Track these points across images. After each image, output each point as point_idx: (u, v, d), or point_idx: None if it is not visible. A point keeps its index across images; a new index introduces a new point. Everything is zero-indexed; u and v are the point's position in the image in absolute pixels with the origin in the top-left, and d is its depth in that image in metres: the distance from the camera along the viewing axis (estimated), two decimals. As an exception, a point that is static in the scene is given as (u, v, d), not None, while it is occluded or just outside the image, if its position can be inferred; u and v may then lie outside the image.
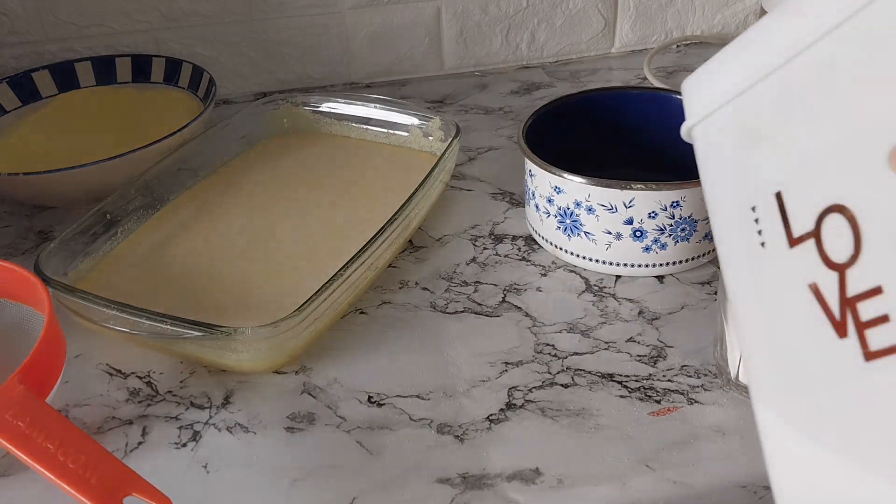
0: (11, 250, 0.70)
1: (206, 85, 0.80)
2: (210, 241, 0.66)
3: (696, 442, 0.49)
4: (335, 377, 0.55)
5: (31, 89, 0.83)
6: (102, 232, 0.64)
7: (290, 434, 0.51)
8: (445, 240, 0.68)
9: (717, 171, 0.37)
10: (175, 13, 0.88)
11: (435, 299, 0.61)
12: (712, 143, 0.37)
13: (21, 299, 0.56)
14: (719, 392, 0.52)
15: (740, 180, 0.34)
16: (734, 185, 0.35)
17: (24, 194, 0.72)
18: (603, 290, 0.62)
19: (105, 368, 0.57)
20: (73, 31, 0.87)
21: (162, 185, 0.70)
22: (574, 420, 0.51)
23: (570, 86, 0.93)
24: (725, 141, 0.35)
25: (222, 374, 0.56)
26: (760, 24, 0.33)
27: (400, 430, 0.51)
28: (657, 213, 0.58)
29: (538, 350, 0.56)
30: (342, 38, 0.92)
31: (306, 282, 0.60)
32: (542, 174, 0.61)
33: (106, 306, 0.53)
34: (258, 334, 0.51)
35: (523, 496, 0.46)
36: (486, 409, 0.52)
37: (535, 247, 0.66)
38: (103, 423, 0.53)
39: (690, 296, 0.61)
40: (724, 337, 0.51)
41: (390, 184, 0.72)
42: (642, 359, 0.55)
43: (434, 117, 0.75)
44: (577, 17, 0.96)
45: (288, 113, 0.81)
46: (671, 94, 0.70)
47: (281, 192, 0.72)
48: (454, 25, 0.94)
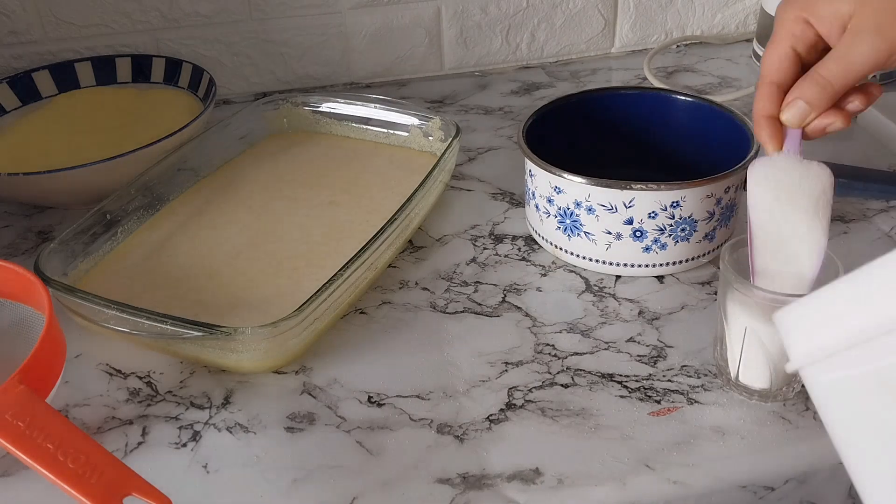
0: (11, 250, 0.70)
1: (206, 85, 0.80)
2: (210, 241, 0.66)
3: (696, 442, 0.49)
4: (335, 377, 0.55)
5: (31, 89, 0.83)
6: (102, 232, 0.64)
7: (290, 434, 0.51)
8: (445, 240, 0.68)
9: (853, 420, 0.35)
10: (175, 13, 0.88)
11: (435, 299, 0.61)
12: (837, 390, 0.35)
13: (21, 299, 0.56)
14: (719, 392, 0.52)
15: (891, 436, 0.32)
16: (885, 440, 0.33)
17: (24, 194, 0.72)
18: (603, 290, 0.62)
19: (105, 368, 0.57)
20: (73, 31, 0.87)
21: (162, 185, 0.70)
22: (574, 420, 0.51)
23: (570, 86, 0.93)
24: (856, 389, 0.34)
25: (222, 374, 0.56)
26: (883, 264, 0.31)
27: (400, 430, 0.51)
28: (657, 213, 0.58)
29: (538, 350, 0.56)
30: (342, 38, 0.92)
31: (306, 282, 0.60)
32: (542, 174, 0.61)
33: (106, 306, 0.53)
34: (258, 334, 0.51)
35: (523, 496, 0.46)
36: (486, 409, 0.52)
37: (535, 247, 0.66)
38: (103, 423, 0.53)
39: (690, 296, 0.61)
40: (724, 337, 0.51)
41: (390, 184, 0.72)
42: (642, 359, 0.55)
43: (434, 117, 0.75)
44: (577, 17, 0.96)
45: (288, 113, 0.81)
46: (671, 94, 0.70)
47: (281, 192, 0.72)
48: (454, 25, 0.94)
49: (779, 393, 0.51)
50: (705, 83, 0.92)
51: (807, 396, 0.51)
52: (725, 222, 0.62)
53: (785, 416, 0.50)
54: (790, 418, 0.50)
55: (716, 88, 0.91)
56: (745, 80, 0.93)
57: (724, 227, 0.62)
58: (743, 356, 0.50)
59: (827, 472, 0.49)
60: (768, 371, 0.50)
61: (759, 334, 0.49)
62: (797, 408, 0.51)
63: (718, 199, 0.59)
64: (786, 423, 0.50)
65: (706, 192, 0.58)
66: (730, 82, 0.92)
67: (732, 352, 0.51)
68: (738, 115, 0.65)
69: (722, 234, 0.62)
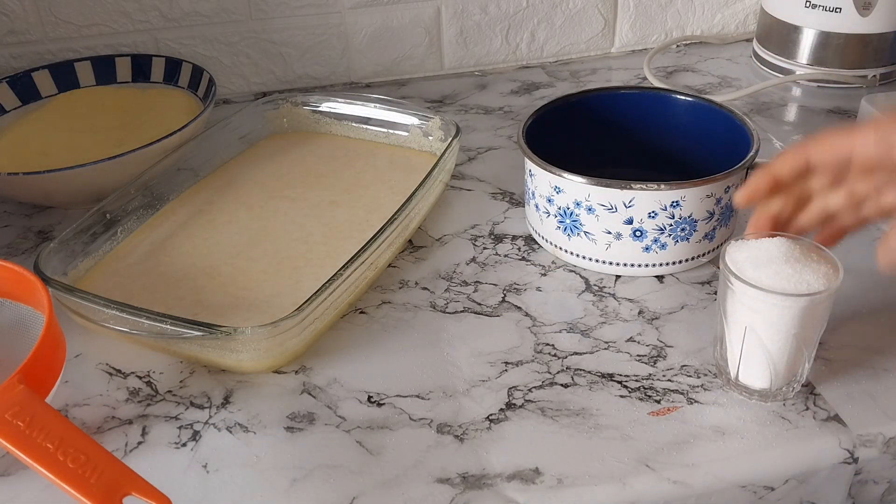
0: (11, 250, 0.70)
1: (206, 85, 0.80)
2: (210, 241, 0.66)
3: (695, 442, 0.49)
4: (335, 377, 0.55)
5: (30, 89, 0.83)
6: (102, 232, 0.64)
7: (289, 434, 0.51)
8: (445, 240, 0.68)
9: None
10: (175, 13, 0.88)
11: (435, 299, 0.61)
12: None
13: (21, 299, 0.56)
14: (719, 392, 0.52)
15: None
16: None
17: (24, 194, 0.72)
18: (603, 289, 0.62)
19: (105, 368, 0.57)
20: (73, 31, 0.87)
21: (162, 185, 0.70)
22: (574, 420, 0.51)
23: (570, 86, 0.93)
24: None
25: (222, 374, 0.56)
26: None
27: (400, 430, 0.51)
28: (657, 212, 0.58)
29: (538, 350, 0.56)
30: (342, 38, 0.92)
31: (306, 282, 0.60)
32: (542, 174, 0.61)
33: (106, 306, 0.53)
34: (258, 334, 0.51)
35: (523, 496, 0.46)
36: (485, 409, 0.52)
37: (535, 247, 0.66)
38: (103, 422, 0.53)
39: (690, 296, 0.61)
40: (724, 337, 0.51)
41: (390, 184, 0.72)
42: (642, 359, 0.55)
43: (434, 117, 0.75)
44: (577, 17, 0.96)
45: (288, 113, 0.81)
46: (671, 93, 0.70)
47: (281, 192, 0.72)
48: (454, 25, 0.94)
49: (778, 393, 0.51)
50: (705, 83, 0.92)
51: (807, 396, 0.52)
52: (725, 222, 0.62)
53: (785, 416, 0.50)
54: (790, 418, 0.50)
55: (716, 88, 0.91)
56: (745, 80, 0.93)
57: (723, 227, 0.62)
58: (743, 356, 0.50)
59: (827, 472, 0.49)
60: (768, 371, 0.50)
61: (758, 334, 0.49)
62: (797, 408, 0.51)
63: (718, 198, 0.59)
64: (786, 423, 0.50)
65: (706, 191, 0.58)
66: (730, 82, 0.92)
67: (732, 352, 0.51)
68: (738, 114, 0.65)
69: (722, 233, 0.62)
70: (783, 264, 0.48)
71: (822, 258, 0.49)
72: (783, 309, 0.47)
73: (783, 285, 0.47)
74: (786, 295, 0.47)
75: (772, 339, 0.49)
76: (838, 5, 0.85)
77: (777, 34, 0.91)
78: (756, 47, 0.96)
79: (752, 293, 0.48)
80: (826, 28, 0.87)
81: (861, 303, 0.59)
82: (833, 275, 0.48)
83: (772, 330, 0.48)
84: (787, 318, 0.48)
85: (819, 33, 0.88)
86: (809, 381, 0.53)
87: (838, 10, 0.85)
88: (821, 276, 0.48)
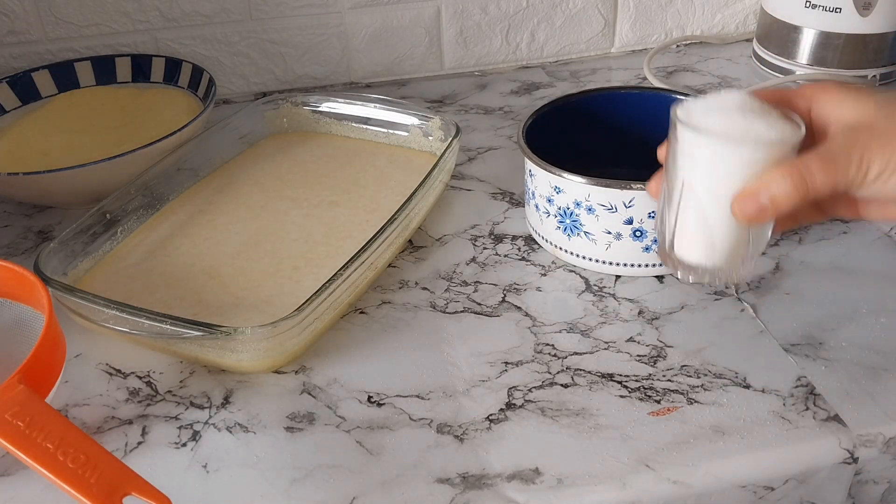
0: (11, 250, 0.70)
1: (205, 85, 0.80)
2: (210, 241, 0.66)
3: (695, 442, 0.49)
4: (335, 377, 0.55)
5: (30, 89, 0.83)
6: (102, 232, 0.64)
7: (289, 434, 0.51)
8: (445, 240, 0.68)
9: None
10: (175, 13, 0.88)
11: (435, 299, 0.61)
12: None
13: (21, 299, 0.56)
14: (719, 392, 0.52)
15: None
16: None
17: (24, 194, 0.72)
18: (603, 289, 0.62)
19: (105, 368, 0.57)
20: (73, 31, 0.87)
21: (162, 185, 0.70)
22: (574, 420, 0.51)
23: (570, 86, 0.93)
24: None
25: (222, 374, 0.56)
26: None
27: (400, 430, 0.51)
28: (657, 212, 0.58)
29: (538, 350, 0.56)
30: (342, 38, 0.92)
31: (306, 282, 0.60)
32: (542, 174, 0.61)
33: (106, 306, 0.53)
34: (258, 334, 0.51)
35: (523, 496, 0.46)
36: (485, 409, 0.52)
37: (535, 247, 0.66)
38: (103, 422, 0.53)
39: (690, 296, 0.61)
40: (663, 199, 0.47)
41: (390, 184, 0.72)
42: (642, 359, 0.55)
43: (434, 117, 0.75)
44: (577, 17, 0.96)
45: (288, 113, 0.81)
46: (671, 93, 0.70)
47: (281, 192, 0.72)
48: (454, 25, 0.94)
49: (716, 274, 0.45)
50: (705, 83, 0.92)
51: (806, 396, 0.52)
52: (725, 222, 0.62)
53: (785, 416, 0.50)
54: (790, 418, 0.50)
55: (716, 88, 0.91)
56: (745, 80, 0.93)
57: (723, 227, 0.62)
58: (679, 222, 0.45)
59: (827, 472, 0.49)
60: (704, 243, 0.45)
61: (696, 192, 0.44)
62: (797, 408, 0.51)
63: (718, 198, 0.59)
64: (785, 422, 0.50)
65: (706, 191, 0.58)
66: (730, 82, 0.92)
67: (669, 218, 0.46)
68: (737, 114, 0.65)
69: (722, 233, 0.62)
70: (735, 112, 0.43)
71: (784, 116, 0.43)
72: (723, 158, 0.42)
73: (728, 131, 0.42)
74: (728, 140, 0.41)
75: (710, 198, 0.44)
76: (838, 5, 0.85)
77: (777, 34, 0.91)
78: (756, 47, 0.96)
79: (691, 138, 0.43)
80: (826, 28, 0.87)
81: (861, 303, 0.59)
82: (791, 131, 0.42)
83: (710, 185, 0.43)
84: (727, 173, 0.42)
85: (819, 33, 0.88)
86: (809, 382, 0.53)
87: (838, 10, 0.85)
88: (774, 130, 0.42)
